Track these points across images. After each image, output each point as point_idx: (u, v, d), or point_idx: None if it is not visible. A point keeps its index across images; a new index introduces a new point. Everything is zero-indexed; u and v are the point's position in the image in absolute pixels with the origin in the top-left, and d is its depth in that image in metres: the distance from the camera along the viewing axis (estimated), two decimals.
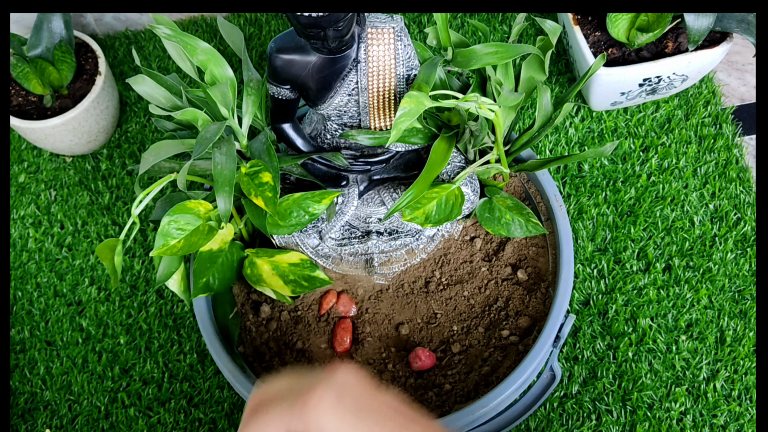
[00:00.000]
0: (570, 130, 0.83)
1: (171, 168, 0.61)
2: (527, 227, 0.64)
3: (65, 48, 0.81)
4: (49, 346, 0.77)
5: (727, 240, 0.76)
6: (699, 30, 0.72)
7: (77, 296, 0.79)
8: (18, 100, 0.83)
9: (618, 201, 0.79)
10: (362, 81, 0.57)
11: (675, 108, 0.83)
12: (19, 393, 0.75)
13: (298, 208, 0.60)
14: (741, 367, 0.70)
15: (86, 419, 0.73)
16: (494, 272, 0.66)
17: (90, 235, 0.82)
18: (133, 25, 0.96)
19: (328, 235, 0.64)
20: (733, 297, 0.73)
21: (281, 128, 0.61)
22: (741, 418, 0.68)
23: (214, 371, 0.74)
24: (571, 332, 0.73)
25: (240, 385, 0.60)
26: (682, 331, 0.72)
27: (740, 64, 0.88)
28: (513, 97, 0.59)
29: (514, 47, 0.58)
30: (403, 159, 0.65)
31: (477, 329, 0.64)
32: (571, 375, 0.71)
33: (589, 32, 0.79)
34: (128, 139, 0.88)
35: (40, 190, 0.86)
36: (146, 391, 0.74)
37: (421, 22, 0.92)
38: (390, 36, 0.56)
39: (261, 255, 0.63)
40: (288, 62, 0.55)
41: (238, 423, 0.71)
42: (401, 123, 0.51)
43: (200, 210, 0.57)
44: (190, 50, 0.56)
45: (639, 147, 0.82)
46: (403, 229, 0.65)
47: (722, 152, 0.81)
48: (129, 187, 0.85)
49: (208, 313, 0.63)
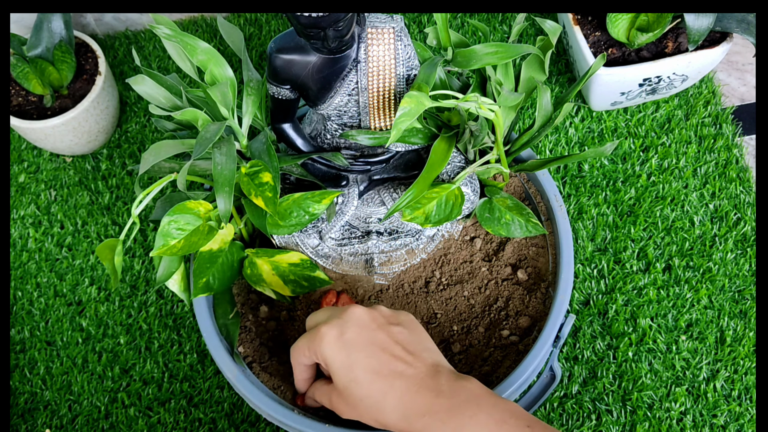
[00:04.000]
0: (570, 130, 0.83)
1: (171, 168, 0.61)
2: (527, 227, 0.64)
3: (65, 48, 0.81)
4: (49, 346, 0.77)
5: (727, 240, 0.76)
6: (699, 30, 0.72)
7: (77, 296, 0.79)
8: (18, 100, 0.83)
9: (618, 201, 0.79)
10: (362, 81, 0.57)
11: (675, 108, 0.83)
12: (19, 393, 0.75)
13: (298, 208, 0.60)
14: (741, 367, 0.70)
15: (86, 419, 0.73)
16: (494, 272, 0.66)
17: (90, 235, 0.82)
18: (133, 25, 0.96)
19: (328, 235, 0.64)
20: (733, 297, 0.73)
21: (281, 128, 0.61)
22: (741, 418, 0.68)
23: (214, 371, 0.74)
24: (571, 332, 0.73)
25: (240, 385, 0.60)
26: (682, 331, 0.72)
27: (740, 64, 0.88)
28: (513, 97, 0.59)
29: (514, 47, 0.58)
30: (403, 159, 0.65)
31: (477, 329, 0.64)
32: (571, 375, 0.71)
33: (589, 32, 0.79)
34: (128, 139, 0.88)
35: (40, 190, 0.86)
36: (146, 391, 0.74)
37: (421, 22, 0.92)
38: (390, 36, 0.56)
39: (261, 255, 0.63)
40: (288, 62, 0.55)
41: (238, 423, 0.71)
42: (401, 123, 0.51)
43: (200, 210, 0.57)
44: (190, 50, 0.56)
45: (639, 147, 0.82)
46: (403, 229, 0.65)
47: (722, 152, 0.81)
48: (129, 187, 0.85)
49: (208, 313, 0.63)
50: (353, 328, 0.52)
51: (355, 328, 0.52)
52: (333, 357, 0.51)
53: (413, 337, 0.53)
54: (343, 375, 0.51)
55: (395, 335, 0.52)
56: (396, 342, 0.52)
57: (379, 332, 0.52)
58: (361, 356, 0.51)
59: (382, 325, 0.53)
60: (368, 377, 0.50)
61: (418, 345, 0.53)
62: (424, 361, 0.51)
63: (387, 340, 0.52)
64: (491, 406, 0.48)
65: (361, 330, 0.52)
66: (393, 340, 0.52)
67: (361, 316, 0.53)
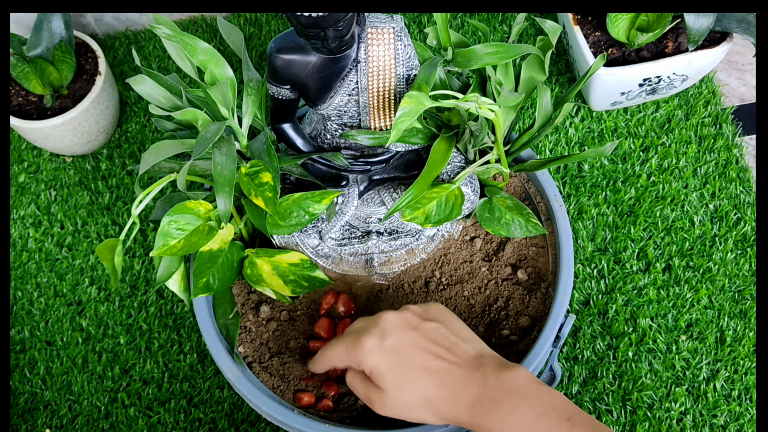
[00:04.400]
0: (570, 130, 0.83)
1: (171, 168, 0.61)
2: (527, 227, 0.64)
3: (65, 48, 0.81)
4: (49, 346, 0.77)
5: (727, 240, 0.76)
6: (699, 30, 0.72)
7: (77, 296, 0.79)
8: (18, 100, 0.83)
9: (618, 201, 0.79)
10: (362, 81, 0.57)
11: (675, 108, 0.83)
12: (19, 393, 0.75)
13: (298, 208, 0.60)
14: (741, 367, 0.70)
15: (86, 419, 0.73)
16: (494, 272, 0.66)
17: (90, 235, 0.82)
18: (133, 25, 0.96)
19: (328, 235, 0.64)
20: (733, 297, 0.73)
21: (281, 128, 0.61)
22: (741, 418, 0.68)
23: (214, 371, 0.74)
24: (571, 332, 0.73)
25: (240, 385, 0.60)
26: (682, 331, 0.72)
27: (740, 64, 0.88)
28: (513, 97, 0.59)
29: (514, 47, 0.58)
30: (403, 159, 0.65)
31: (477, 329, 0.64)
32: (571, 375, 0.71)
33: (589, 32, 0.79)
34: (128, 139, 0.88)
35: (40, 190, 0.86)
36: (146, 391, 0.74)
37: (421, 22, 0.92)
38: (390, 36, 0.56)
39: (261, 255, 0.63)
40: (288, 62, 0.55)
41: (238, 423, 0.71)
42: (401, 123, 0.51)
43: (200, 210, 0.57)
44: (190, 50, 0.56)
45: (639, 147, 0.82)
46: (403, 229, 0.65)
47: (722, 152, 0.81)
48: (129, 187, 0.85)
49: (208, 313, 0.63)
50: (392, 334, 0.53)
51: (393, 334, 0.53)
52: (377, 363, 0.53)
53: (450, 329, 0.55)
54: (390, 377, 0.52)
55: (432, 333, 0.54)
56: (435, 340, 0.53)
57: (417, 333, 0.54)
58: (405, 357, 0.52)
59: (417, 325, 0.54)
60: (418, 374, 0.52)
61: (456, 337, 0.54)
62: (467, 354, 0.53)
63: (426, 340, 0.53)
64: (533, 397, 0.49)
65: (399, 334, 0.53)
66: (431, 339, 0.54)
67: (396, 322, 0.54)
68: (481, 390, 0.50)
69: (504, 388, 0.50)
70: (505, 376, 0.51)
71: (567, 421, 0.48)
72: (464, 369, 0.52)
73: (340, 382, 0.62)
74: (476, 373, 0.51)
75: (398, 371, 0.52)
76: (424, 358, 0.52)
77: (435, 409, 0.52)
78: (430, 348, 0.53)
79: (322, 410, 0.61)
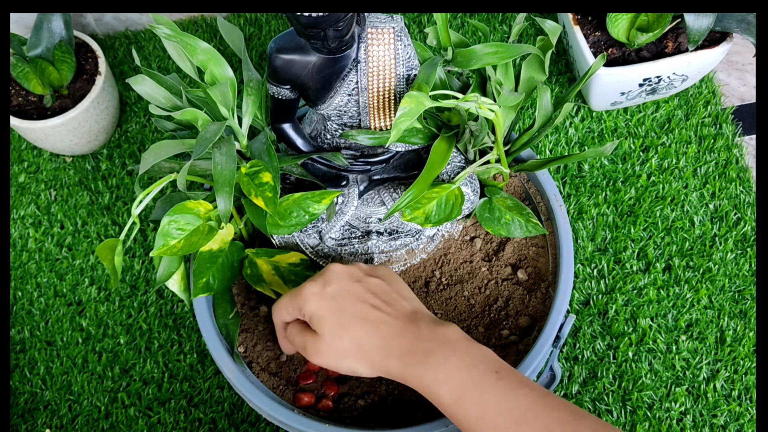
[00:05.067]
0: (570, 130, 0.83)
1: (171, 168, 0.61)
2: (527, 227, 0.64)
3: (65, 48, 0.81)
4: (49, 346, 0.77)
5: (727, 240, 0.76)
6: (699, 30, 0.72)
7: (77, 296, 0.79)
8: (18, 100, 0.83)
9: (618, 201, 0.79)
10: (362, 81, 0.57)
11: (675, 108, 0.83)
12: (19, 393, 0.75)
13: (298, 208, 0.60)
14: (741, 367, 0.70)
15: (86, 419, 0.73)
16: (494, 272, 0.66)
17: (90, 235, 0.82)
18: (133, 25, 0.96)
19: (328, 235, 0.64)
20: (733, 297, 0.73)
21: (281, 128, 0.61)
22: (741, 418, 0.68)
23: (214, 371, 0.74)
24: (571, 332, 0.73)
25: (240, 385, 0.60)
26: (682, 331, 0.72)
27: (740, 64, 0.88)
28: (513, 97, 0.59)
29: (514, 47, 0.58)
30: (403, 159, 0.65)
31: (477, 329, 0.64)
32: (571, 375, 0.71)
33: (589, 32, 0.79)
34: (128, 139, 0.88)
35: (40, 190, 0.86)
36: (146, 391, 0.74)
37: (421, 22, 0.92)
38: (390, 36, 0.56)
39: (261, 255, 0.63)
40: (288, 62, 0.55)
41: (238, 423, 0.71)
42: (401, 123, 0.51)
43: (200, 210, 0.57)
44: (190, 50, 0.56)
45: (639, 147, 0.82)
46: (403, 229, 0.65)
47: (722, 152, 0.81)
48: (129, 187, 0.85)
49: (208, 313, 0.63)
50: (335, 283, 0.55)
51: (336, 283, 0.55)
52: (317, 308, 0.54)
53: (392, 287, 0.57)
54: (327, 322, 0.54)
55: (374, 287, 0.56)
56: (375, 293, 0.55)
57: (359, 285, 0.55)
58: (344, 305, 0.54)
59: (361, 278, 0.56)
60: (354, 322, 0.53)
61: (397, 294, 0.56)
62: (404, 309, 0.55)
63: (367, 292, 0.55)
64: (464, 350, 0.51)
65: (342, 283, 0.55)
66: (372, 291, 0.55)
67: (341, 273, 0.56)
68: (414, 341, 0.52)
69: (437, 340, 0.52)
70: (438, 330, 0.52)
71: (495, 373, 0.50)
72: (400, 321, 0.53)
73: (341, 382, 0.63)
74: (411, 325, 0.53)
75: (335, 317, 0.53)
76: (362, 307, 0.54)
77: (367, 358, 0.53)
78: (369, 299, 0.54)
79: (322, 410, 0.61)
